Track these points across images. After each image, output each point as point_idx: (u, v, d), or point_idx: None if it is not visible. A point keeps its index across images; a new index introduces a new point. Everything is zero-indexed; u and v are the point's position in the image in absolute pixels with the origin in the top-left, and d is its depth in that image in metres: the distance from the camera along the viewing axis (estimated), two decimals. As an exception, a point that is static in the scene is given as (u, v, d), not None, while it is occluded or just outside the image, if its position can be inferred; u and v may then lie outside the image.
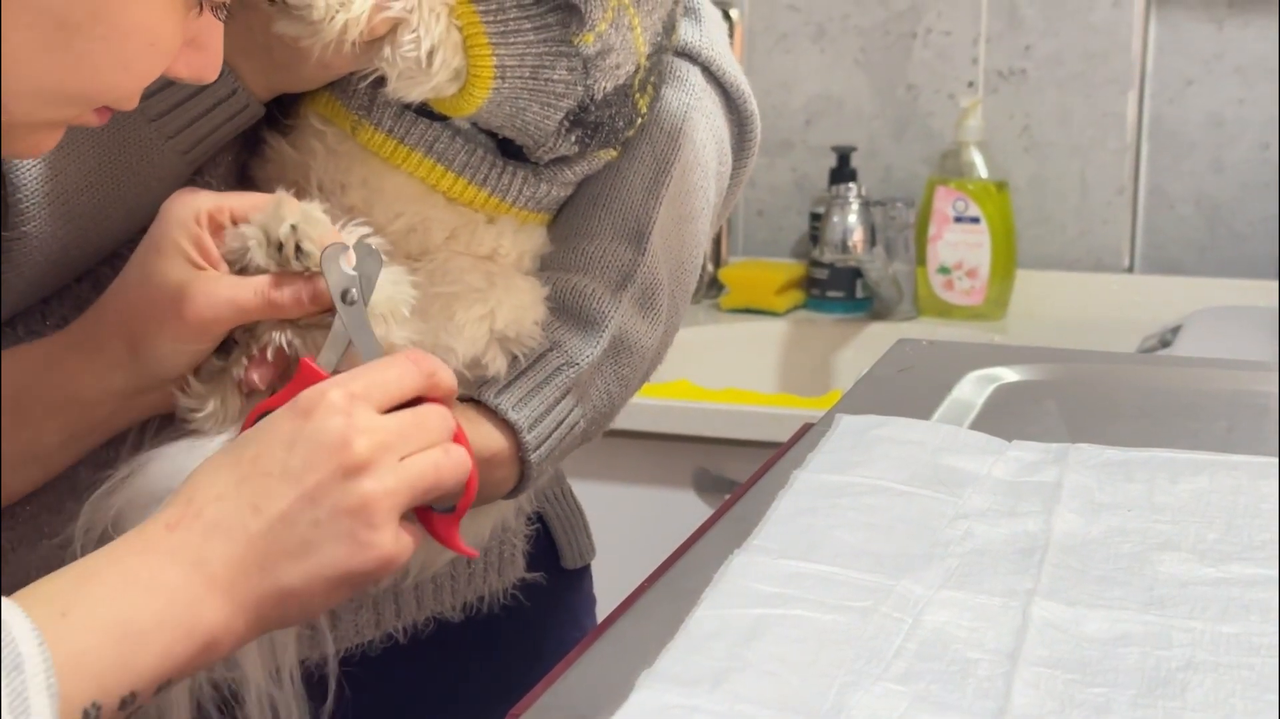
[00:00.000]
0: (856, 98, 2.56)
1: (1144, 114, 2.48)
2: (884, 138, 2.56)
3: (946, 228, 2.45)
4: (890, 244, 2.44)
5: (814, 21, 2.56)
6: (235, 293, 0.95)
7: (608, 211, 1.13)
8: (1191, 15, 2.45)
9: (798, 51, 2.58)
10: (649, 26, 1.07)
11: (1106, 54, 2.45)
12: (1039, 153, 2.50)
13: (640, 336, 1.13)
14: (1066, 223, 2.51)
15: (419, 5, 0.98)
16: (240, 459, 0.86)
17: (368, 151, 1.05)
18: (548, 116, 1.04)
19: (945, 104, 2.52)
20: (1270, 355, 2.11)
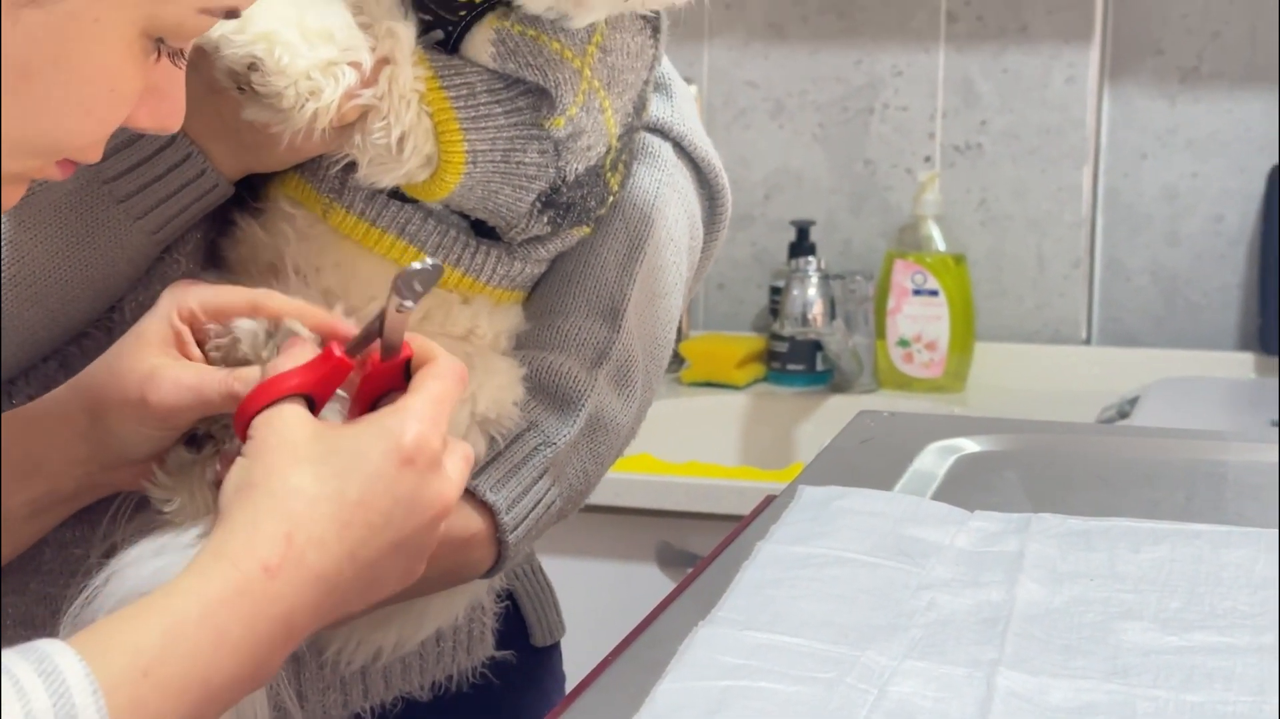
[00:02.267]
0: (815, 172, 2.59)
1: (1099, 188, 2.52)
2: (843, 212, 2.58)
3: (905, 301, 2.47)
4: (850, 317, 2.46)
5: (772, 97, 2.59)
6: (200, 382, 0.94)
7: (582, 288, 1.13)
8: (1144, 91, 2.48)
9: (756, 127, 2.60)
10: (620, 108, 1.08)
11: (1061, 129, 2.49)
12: (996, 226, 2.53)
13: (616, 414, 1.14)
14: (1024, 295, 2.53)
15: (389, 92, 0.98)
16: (344, 500, 0.84)
17: (340, 234, 1.05)
18: (520, 199, 1.05)
19: (903, 178, 2.54)
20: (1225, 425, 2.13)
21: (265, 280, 1.05)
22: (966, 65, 2.51)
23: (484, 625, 1.20)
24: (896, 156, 2.56)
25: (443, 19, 1.03)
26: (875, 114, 2.56)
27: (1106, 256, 2.53)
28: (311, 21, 0.95)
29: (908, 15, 2.52)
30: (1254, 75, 2.44)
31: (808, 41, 2.57)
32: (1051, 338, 2.52)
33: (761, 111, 2.60)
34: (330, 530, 0.83)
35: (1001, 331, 2.53)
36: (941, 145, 2.54)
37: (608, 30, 1.05)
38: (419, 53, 1.01)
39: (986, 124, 2.52)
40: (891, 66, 2.54)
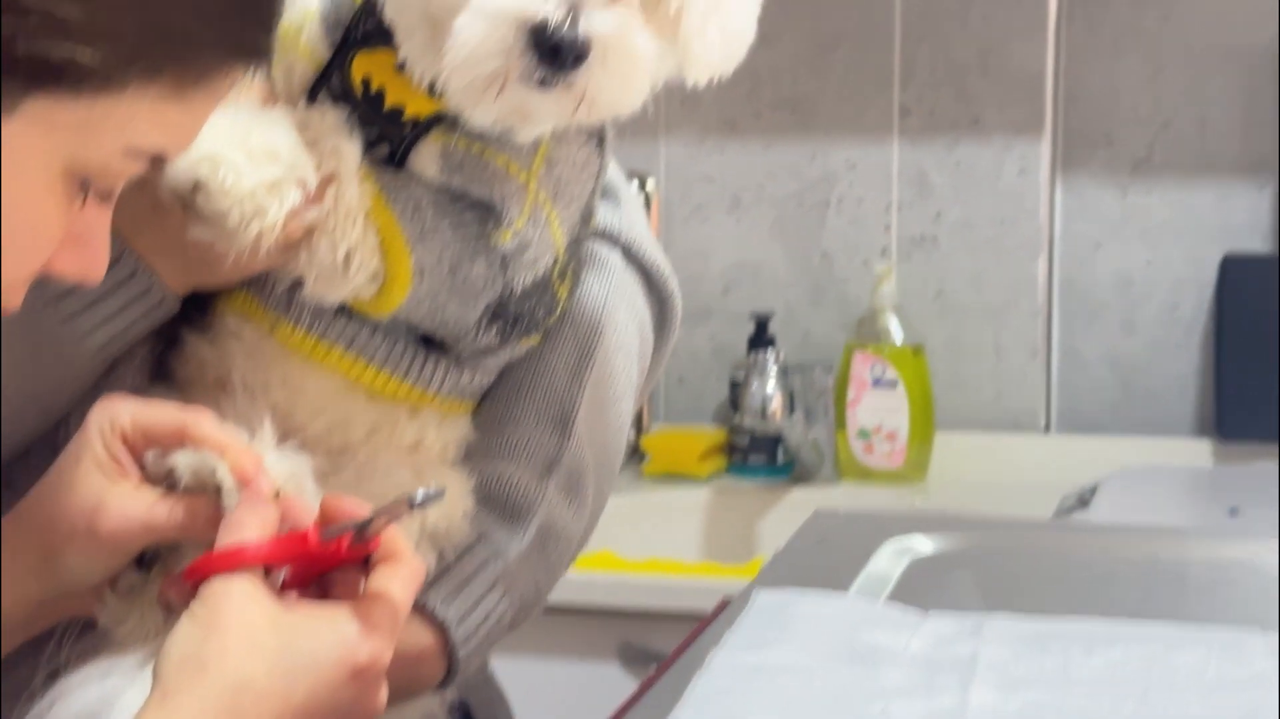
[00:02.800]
0: (773, 265, 2.60)
1: (1054, 277, 2.53)
2: (801, 304, 2.59)
3: (865, 392, 2.47)
4: (810, 409, 2.46)
5: (729, 191, 2.61)
6: (149, 513, 0.94)
7: (531, 398, 1.13)
8: (1095, 181, 2.51)
9: (714, 221, 2.61)
10: (566, 219, 1.09)
11: (1015, 219, 2.50)
12: (953, 317, 2.54)
13: (567, 524, 1.13)
14: (983, 385, 2.54)
15: (335, 209, 0.99)
16: (289, 702, 0.84)
17: (287, 349, 1.05)
18: (468, 312, 1.06)
19: (860, 270, 2.56)
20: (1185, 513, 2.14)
21: (213, 396, 1.05)
22: (920, 158, 2.53)
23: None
24: (853, 249, 2.57)
25: (388, 135, 1.04)
26: (831, 207, 2.57)
27: (1063, 345, 2.54)
28: (256, 141, 0.96)
29: (861, 110, 2.54)
30: (1204, 165, 2.46)
31: (762, 136, 2.58)
32: (1011, 427, 2.53)
33: (719, 206, 2.61)
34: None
35: (961, 421, 2.54)
36: (897, 237, 2.55)
37: (553, 143, 1.06)
38: (365, 169, 1.02)
39: (941, 216, 2.53)
40: (846, 160, 2.56)
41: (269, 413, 1.03)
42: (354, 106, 1.04)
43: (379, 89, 1.04)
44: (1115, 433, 2.50)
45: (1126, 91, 2.48)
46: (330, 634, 0.86)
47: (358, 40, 1.04)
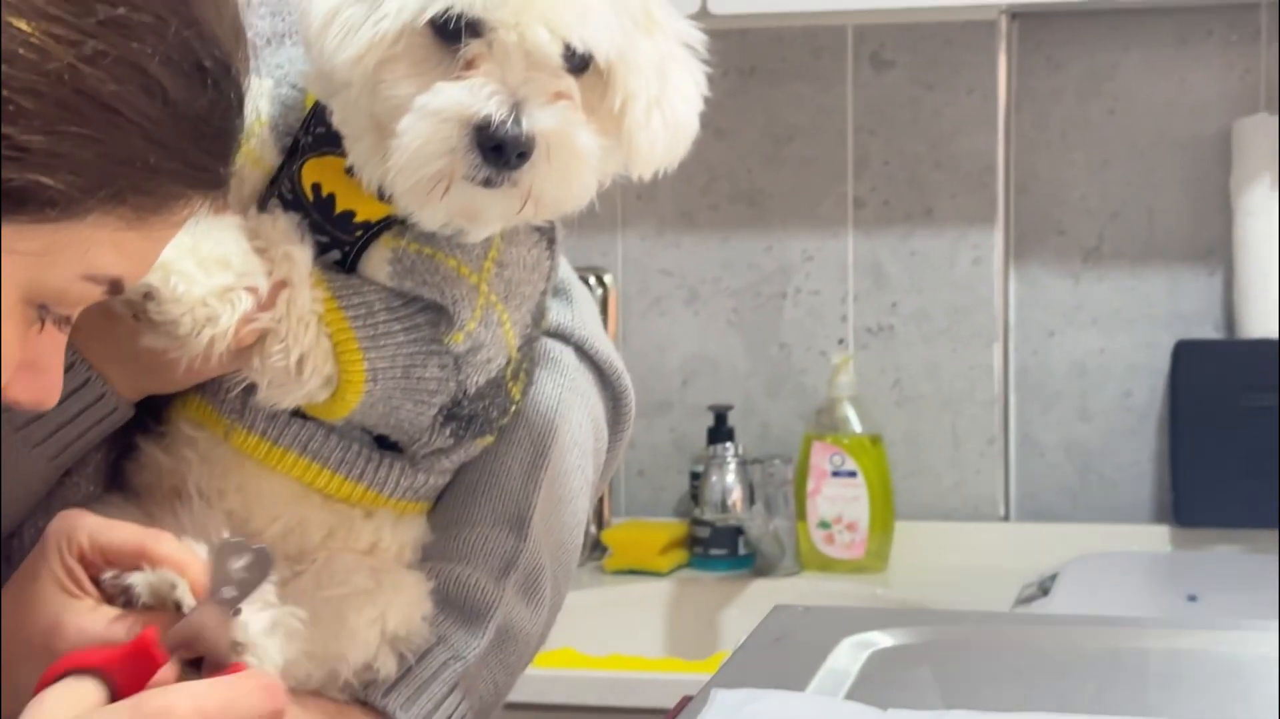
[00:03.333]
0: (731, 357, 2.61)
1: (1010, 365, 2.55)
2: (759, 396, 2.60)
3: (824, 483, 2.48)
4: (770, 501, 2.46)
5: (686, 284, 2.62)
6: (106, 633, 0.92)
7: (487, 498, 1.13)
8: (1048, 270, 2.53)
9: (672, 314, 2.63)
10: (518, 320, 1.09)
11: (970, 309, 2.52)
12: (911, 406, 2.55)
13: (525, 624, 1.13)
14: (942, 474, 2.55)
15: (287, 315, 0.99)
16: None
17: (242, 455, 1.05)
18: (422, 414, 1.06)
19: (817, 361, 2.57)
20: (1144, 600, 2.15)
21: (169, 504, 1.05)
22: (875, 249, 2.55)
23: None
24: (810, 339, 2.58)
25: (339, 239, 1.04)
26: (788, 298, 2.59)
27: (1020, 433, 2.55)
28: (207, 249, 0.96)
29: (815, 201, 2.56)
30: (1153, 253, 2.49)
31: (719, 229, 2.60)
32: (970, 515, 2.54)
33: (676, 299, 2.63)
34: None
35: (921, 510, 2.54)
36: (854, 327, 2.57)
37: (503, 245, 1.07)
38: (316, 274, 1.02)
39: (897, 305, 2.55)
40: (802, 251, 2.58)
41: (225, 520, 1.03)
42: (304, 212, 1.04)
43: (329, 194, 1.04)
44: (1074, 520, 2.51)
45: (1076, 182, 2.51)
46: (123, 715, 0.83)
47: (307, 146, 1.04)
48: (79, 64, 0.76)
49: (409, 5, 0.95)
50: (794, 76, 2.56)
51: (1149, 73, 2.48)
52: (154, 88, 0.79)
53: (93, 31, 0.77)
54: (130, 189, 0.79)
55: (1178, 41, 2.47)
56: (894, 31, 2.52)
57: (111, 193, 0.79)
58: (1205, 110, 2.46)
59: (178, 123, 0.81)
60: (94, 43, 0.77)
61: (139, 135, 0.79)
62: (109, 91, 0.77)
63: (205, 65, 0.82)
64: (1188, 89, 2.47)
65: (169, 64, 0.79)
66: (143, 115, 0.79)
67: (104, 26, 0.77)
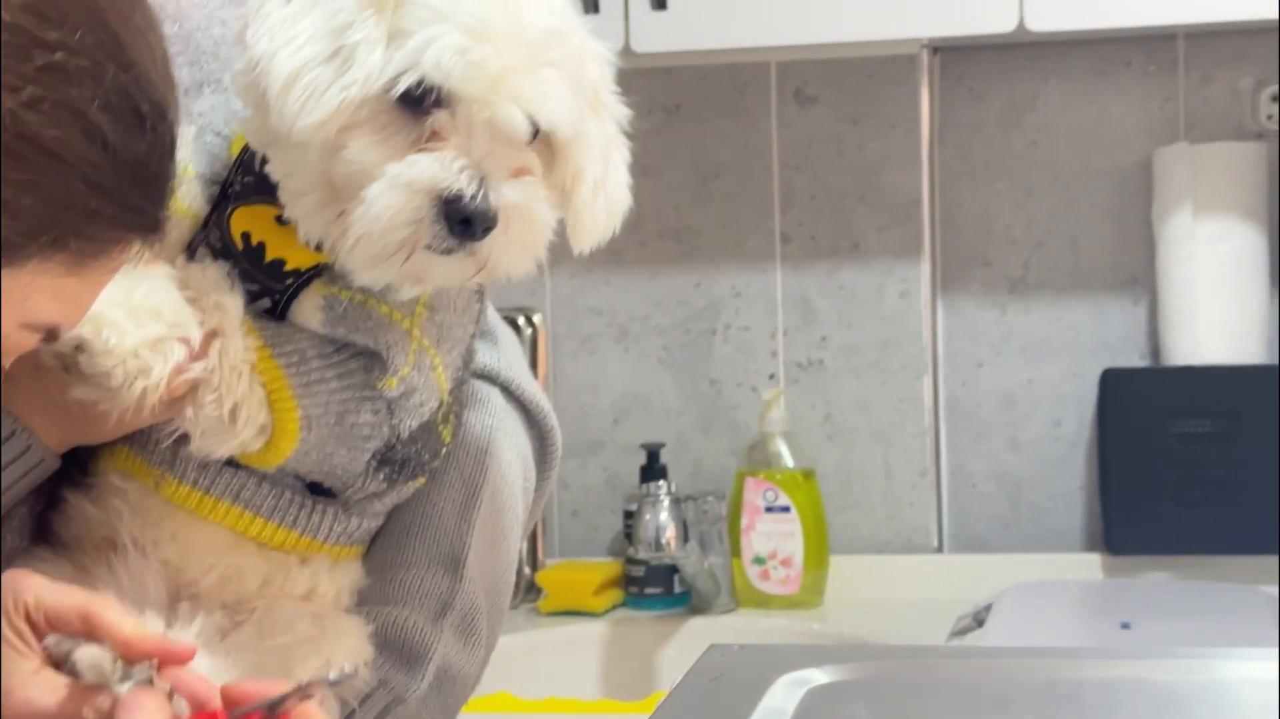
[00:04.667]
0: (662, 395, 2.61)
1: (940, 397, 2.56)
2: (692, 432, 2.60)
3: (758, 518, 2.48)
4: (704, 538, 2.46)
5: (616, 323, 2.62)
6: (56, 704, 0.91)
7: (421, 540, 1.14)
8: (975, 302, 2.55)
9: (602, 353, 2.63)
10: (449, 363, 1.09)
11: (899, 341, 2.54)
12: (842, 440, 2.56)
13: (462, 664, 1.14)
14: (874, 507, 2.56)
15: (219, 364, 0.99)
16: None
17: (174, 505, 1.05)
18: (355, 459, 1.06)
19: (749, 396, 2.57)
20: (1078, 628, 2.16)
21: (103, 555, 1.05)
22: (803, 284, 2.56)
23: None
24: (741, 375, 2.59)
25: (269, 288, 1.04)
26: (718, 334, 2.59)
27: (952, 465, 2.57)
28: (138, 299, 0.96)
29: (743, 237, 2.57)
30: (1079, 283, 2.51)
31: (647, 266, 2.61)
32: (904, 547, 2.55)
33: (606, 337, 2.63)
34: None
35: (855, 543, 2.55)
36: (784, 362, 2.58)
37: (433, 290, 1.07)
38: (248, 322, 1.02)
39: (826, 340, 2.56)
40: (730, 288, 2.58)
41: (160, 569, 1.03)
42: (234, 261, 1.04)
43: (259, 243, 1.04)
44: (1006, 550, 2.52)
45: (1000, 213, 2.53)
46: None
47: (235, 195, 1.04)
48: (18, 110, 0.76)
49: (380, 73, 0.96)
50: (719, 113, 2.57)
51: (1070, 103, 2.51)
52: (94, 132, 0.79)
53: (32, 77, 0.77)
54: (71, 234, 0.79)
55: (1097, 73, 2.49)
56: (817, 67, 2.54)
57: (52, 238, 0.79)
58: (1126, 140, 2.49)
59: (117, 167, 0.81)
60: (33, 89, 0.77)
61: (79, 180, 0.79)
62: (49, 137, 0.77)
63: (142, 109, 0.82)
64: (1108, 119, 2.50)
65: (108, 109, 0.79)
66: (83, 160, 0.79)
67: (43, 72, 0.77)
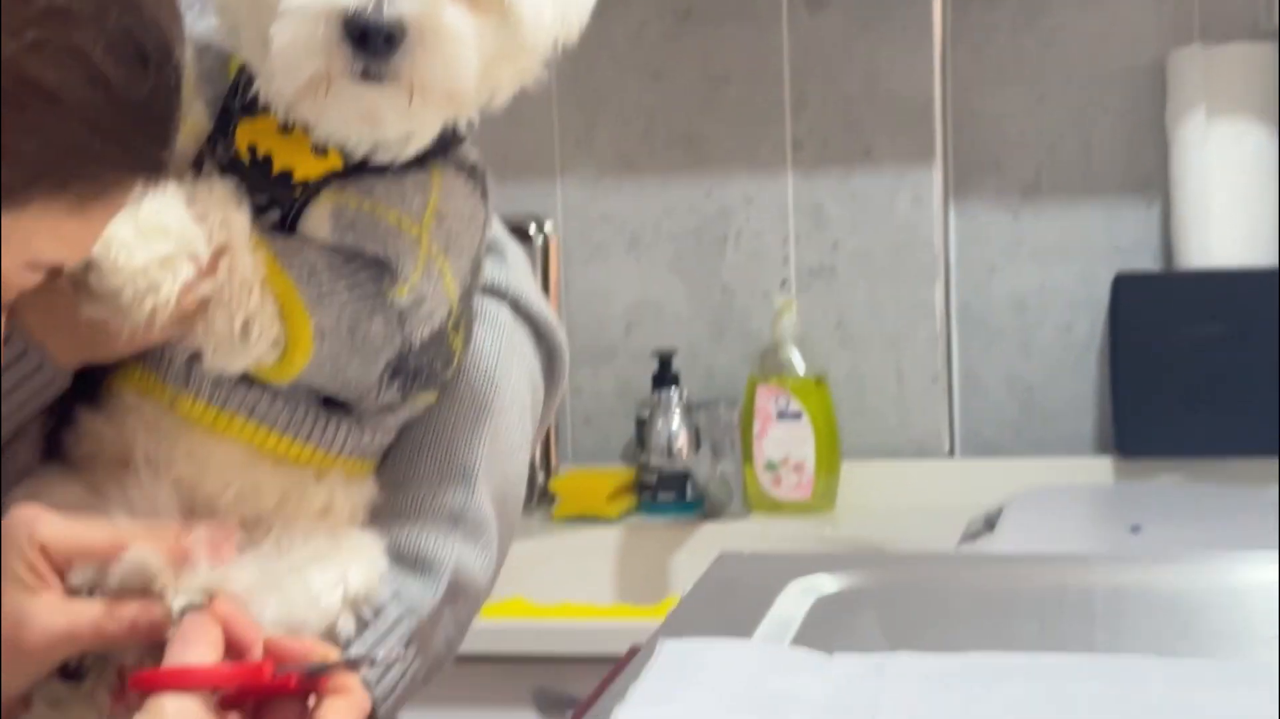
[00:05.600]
0: (674, 302, 2.61)
1: (951, 302, 2.56)
2: (703, 340, 2.61)
3: (770, 425, 2.49)
4: (716, 444, 2.47)
5: (627, 230, 2.62)
6: (71, 626, 0.93)
7: (433, 455, 1.14)
8: (987, 206, 2.54)
9: (613, 260, 2.63)
10: (458, 271, 1.10)
11: (910, 247, 2.53)
12: (854, 346, 2.56)
13: (475, 576, 1.15)
14: (886, 412, 2.56)
15: (229, 280, 0.99)
16: None
17: (189, 422, 1.05)
18: (368, 370, 1.07)
19: (760, 304, 2.57)
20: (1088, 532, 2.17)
21: (115, 474, 1.05)
22: (815, 190, 2.55)
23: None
24: (753, 283, 2.59)
25: (278, 200, 1.04)
26: (729, 242, 2.59)
27: (963, 370, 2.57)
28: (146, 217, 0.96)
29: (754, 144, 2.56)
30: (1091, 186, 2.50)
31: (659, 173, 2.60)
32: (915, 453, 2.55)
33: (618, 245, 2.63)
34: None
35: (866, 449, 2.56)
36: (796, 269, 2.57)
37: (441, 197, 1.07)
38: (257, 237, 1.02)
39: (838, 246, 2.56)
40: (742, 194, 2.58)
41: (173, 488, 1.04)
42: (241, 175, 1.04)
43: (265, 155, 1.04)
44: (1017, 454, 2.53)
45: (1012, 117, 2.52)
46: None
47: (239, 109, 1.04)
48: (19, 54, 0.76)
49: None
50: (730, 18, 2.55)
51: (1083, 5, 2.49)
52: (96, 75, 0.79)
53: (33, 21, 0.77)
54: (73, 177, 0.80)
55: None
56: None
57: (54, 182, 0.79)
58: (1140, 42, 2.47)
59: (120, 110, 0.81)
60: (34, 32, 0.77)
61: (81, 124, 0.79)
62: (51, 81, 0.77)
63: (146, 50, 0.82)
64: (1122, 20, 2.48)
65: (111, 51, 0.79)
66: (85, 103, 0.79)
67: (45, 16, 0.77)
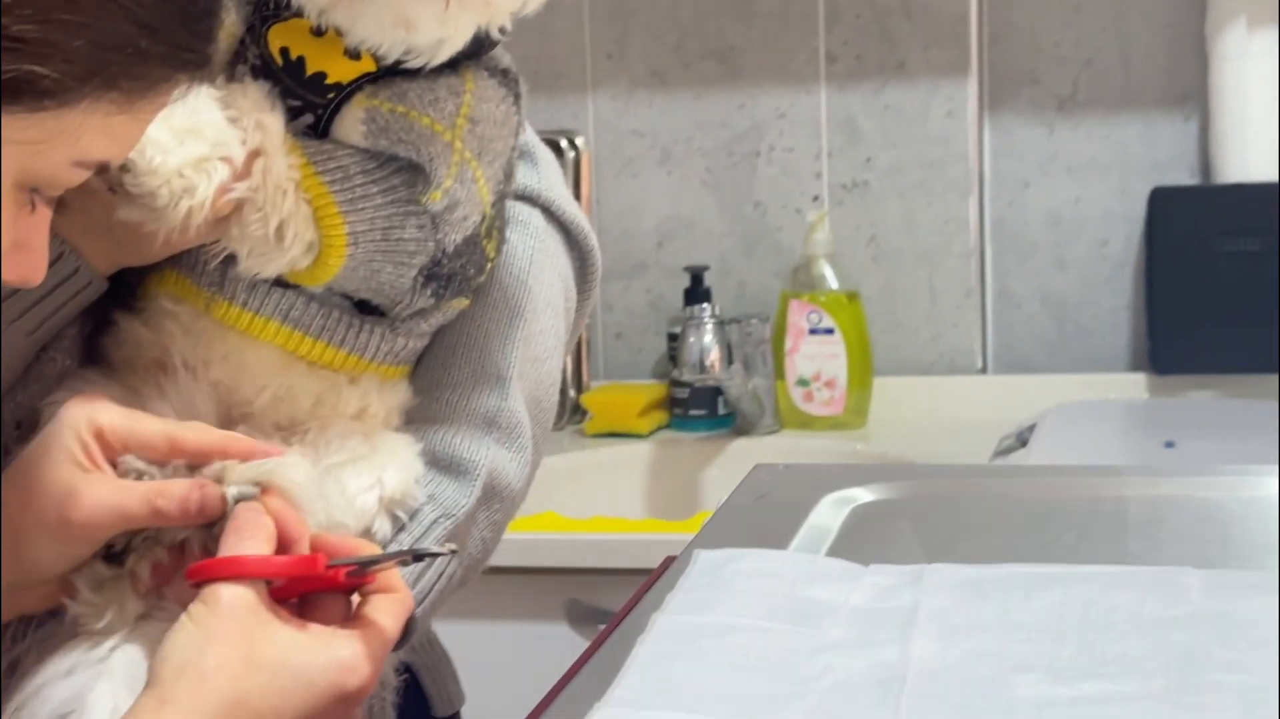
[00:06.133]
0: (706, 217, 2.60)
1: (985, 218, 2.54)
2: (735, 255, 2.59)
3: (802, 340, 2.48)
4: (748, 360, 2.47)
5: (659, 145, 2.60)
6: (121, 500, 0.94)
7: (466, 360, 1.15)
8: (1022, 120, 2.52)
9: (645, 175, 2.61)
10: (491, 176, 1.09)
11: (944, 162, 2.51)
12: (887, 261, 2.55)
13: (510, 480, 1.15)
14: (918, 328, 2.55)
15: (264, 183, 0.99)
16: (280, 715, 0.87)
17: (224, 326, 1.06)
18: (402, 275, 1.07)
19: (793, 219, 2.56)
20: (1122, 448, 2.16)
21: (153, 377, 1.06)
22: (848, 104, 2.53)
23: (384, 700, 1.20)
24: (785, 197, 2.57)
25: (311, 103, 1.04)
26: (762, 156, 2.57)
27: (997, 285, 2.56)
28: (180, 120, 0.96)
29: (787, 57, 2.54)
30: (1128, 100, 2.48)
31: (691, 88, 2.58)
32: (948, 369, 2.55)
33: (649, 160, 2.61)
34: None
35: (899, 365, 2.55)
36: (829, 184, 2.56)
37: (474, 101, 1.07)
38: (290, 140, 1.02)
39: (871, 161, 2.54)
40: (775, 109, 2.56)
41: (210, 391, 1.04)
42: (274, 78, 1.04)
43: (298, 57, 1.04)
44: (1051, 370, 2.52)
45: (1049, 29, 2.49)
46: (324, 658, 0.89)
47: (271, 13, 1.04)
48: None
49: None
50: (763, -70, 2.53)
51: (1121, -83, 2.46)
52: None
53: None
54: (121, 74, 0.81)
55: (1151, -117, 2.44)
56: (863, -118, 2.49)
57: (103, 79, 0.80)
58: (1179, -47, 2.44)
59: (166, 6, 0.82)
60: None
61: (129, 21, 0.80)
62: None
63: None
64: (1161, -68, 2.45)
65: None
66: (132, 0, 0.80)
67: None
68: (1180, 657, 0.89)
